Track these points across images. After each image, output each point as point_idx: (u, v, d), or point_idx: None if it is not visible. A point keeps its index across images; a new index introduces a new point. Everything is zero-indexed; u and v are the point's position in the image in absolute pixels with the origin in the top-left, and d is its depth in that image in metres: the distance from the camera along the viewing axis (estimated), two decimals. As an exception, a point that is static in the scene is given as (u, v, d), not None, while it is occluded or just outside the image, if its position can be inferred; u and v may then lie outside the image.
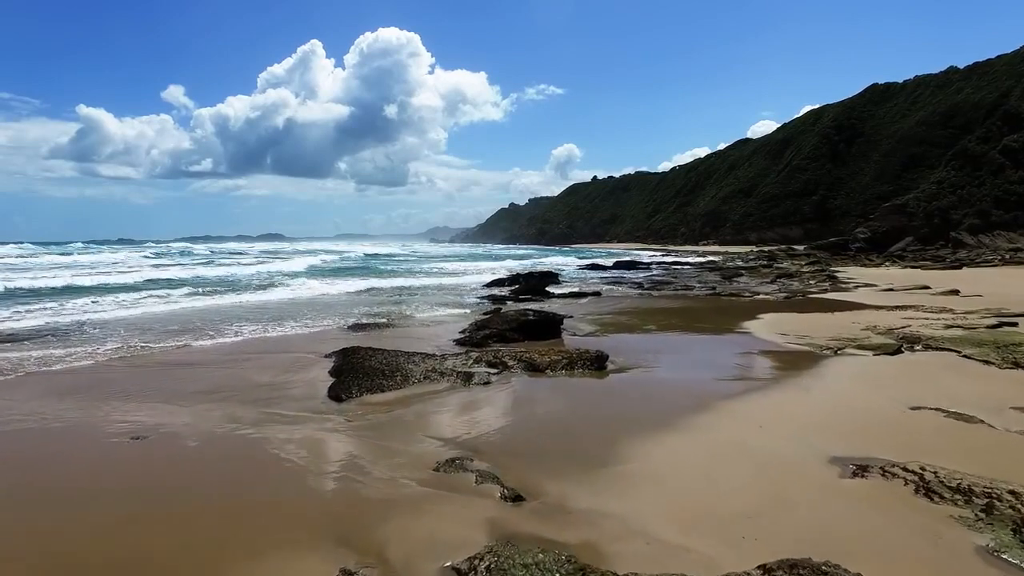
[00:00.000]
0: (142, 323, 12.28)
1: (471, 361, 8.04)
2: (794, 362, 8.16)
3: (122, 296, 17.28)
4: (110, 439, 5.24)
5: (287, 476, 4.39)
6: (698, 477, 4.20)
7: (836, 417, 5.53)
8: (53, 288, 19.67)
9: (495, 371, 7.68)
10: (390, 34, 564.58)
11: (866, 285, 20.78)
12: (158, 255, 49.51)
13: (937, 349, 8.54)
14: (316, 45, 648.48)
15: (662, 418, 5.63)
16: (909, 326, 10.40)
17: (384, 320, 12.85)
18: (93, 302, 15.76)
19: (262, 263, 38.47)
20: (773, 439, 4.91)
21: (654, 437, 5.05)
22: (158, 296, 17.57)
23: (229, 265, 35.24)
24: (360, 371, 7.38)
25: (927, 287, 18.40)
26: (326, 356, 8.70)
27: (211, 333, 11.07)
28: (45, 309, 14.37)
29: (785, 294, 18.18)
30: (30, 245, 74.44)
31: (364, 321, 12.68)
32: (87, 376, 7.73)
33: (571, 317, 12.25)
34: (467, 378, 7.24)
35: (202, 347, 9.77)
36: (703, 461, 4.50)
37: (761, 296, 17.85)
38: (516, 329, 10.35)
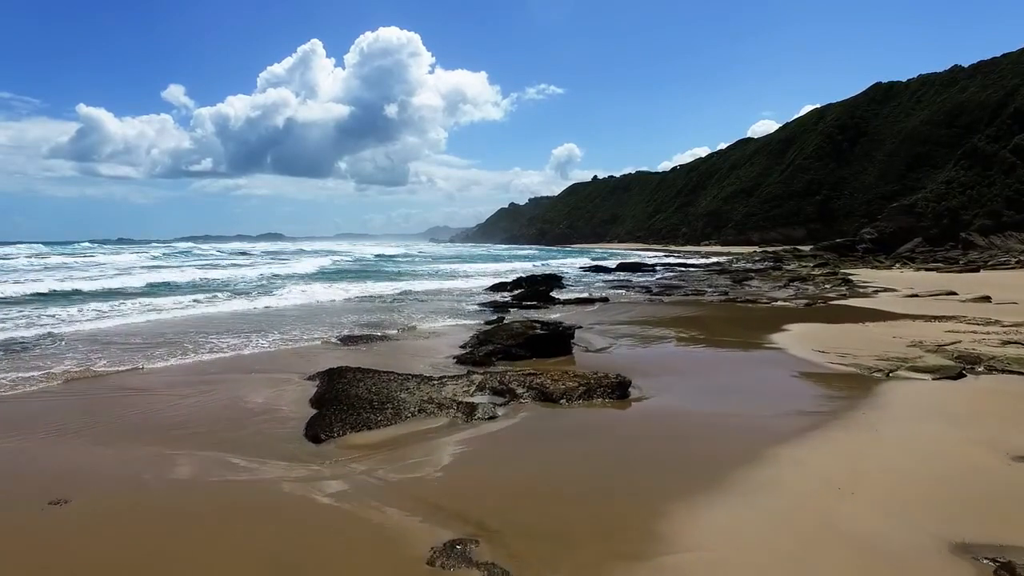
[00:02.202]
0: (115, 337, 11.16)
1: (473, 388, 6.98)
2: (845, 388, 7.08)
3: (107, 303, 16.18)
4: (21, 504, 4.16)
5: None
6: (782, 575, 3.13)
7: (929, 474, 4.44)
8: (51, 293, 18.61)
9: (501, 400, 6.63)
10: (390, 34, 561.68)
11: (885, 290, 19.77)
12: (165, 255, 48.69)
13: (1003, 372, 7.52)
14: (316, 44, 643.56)
15: (708, 471, 4.57)
16: (959, 341, 9.36)
17: (379, 332, 11.80)
18: (78, 311, 14.62)
19: (266, 265, 37.26)
20: (863, 510, 3.82)
21: (704, 504, 3.98)
22: (145, 303, 16.42)
23: (229, 267, 33.97)
24: (345, 401, 6.35)
25: (953, 293, 17.38)
26: (309, 378, 7.71)
27: (188, 346, 10.05)
28: (19, 319, 13.25)
29: (804, 300, 17.13)
30: (39, 246, 73.05)
31: (357, 333, 11.65)
32: (28, 406, 6.67)
33: (580, 328, 11.22)
34: (469, 411, 6.19)
35: (172, 367, 8.70)
36: (781, 547, 3.40)
37: (779, 303, 16.80)
38: (522, 345, 9.31)
